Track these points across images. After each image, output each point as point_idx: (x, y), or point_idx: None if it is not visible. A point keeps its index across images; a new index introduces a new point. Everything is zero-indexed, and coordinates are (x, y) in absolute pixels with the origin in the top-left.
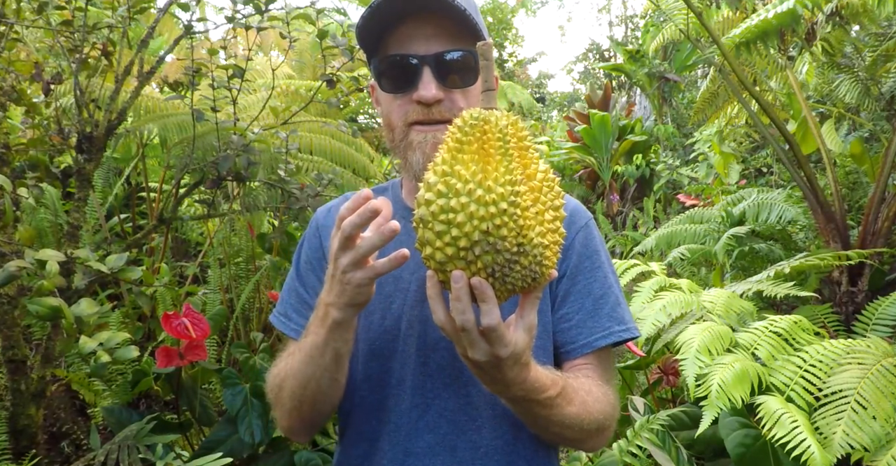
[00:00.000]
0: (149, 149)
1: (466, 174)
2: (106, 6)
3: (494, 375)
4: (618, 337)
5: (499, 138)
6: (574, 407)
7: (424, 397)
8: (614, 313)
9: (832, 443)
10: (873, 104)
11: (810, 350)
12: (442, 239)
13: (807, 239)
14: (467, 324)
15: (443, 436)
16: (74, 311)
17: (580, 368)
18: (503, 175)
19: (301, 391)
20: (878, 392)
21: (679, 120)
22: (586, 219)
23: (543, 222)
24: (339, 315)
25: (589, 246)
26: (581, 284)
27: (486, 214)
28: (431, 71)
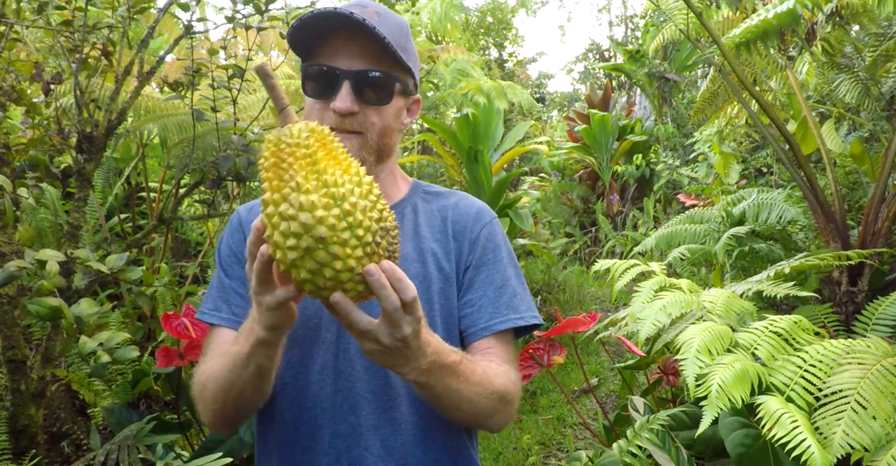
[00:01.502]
0: (149, 149)
1: (339, 178)
2: (106, 6)
3: (413, 345)
4: (513, 324)
5: (332, 140)
6: (478, 377)
7: (346, 381)
8: (511, 303)
9: (832, 443)
10: (873, 104)
11: (810, 350)
12: (350, 245)
13: (807, 239)
14: (397, 304)
15: (365, 417)
16: (74, 311)
17: (483, 352)
18: (357, 168)
19: (223, 395)
20: (878, 392)
21: (679, 120)
22: (491, 217)
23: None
24: (263, 334)
25: (492, 241)
26: (484, 274)
27: (371, 204)
28: (350, 85)
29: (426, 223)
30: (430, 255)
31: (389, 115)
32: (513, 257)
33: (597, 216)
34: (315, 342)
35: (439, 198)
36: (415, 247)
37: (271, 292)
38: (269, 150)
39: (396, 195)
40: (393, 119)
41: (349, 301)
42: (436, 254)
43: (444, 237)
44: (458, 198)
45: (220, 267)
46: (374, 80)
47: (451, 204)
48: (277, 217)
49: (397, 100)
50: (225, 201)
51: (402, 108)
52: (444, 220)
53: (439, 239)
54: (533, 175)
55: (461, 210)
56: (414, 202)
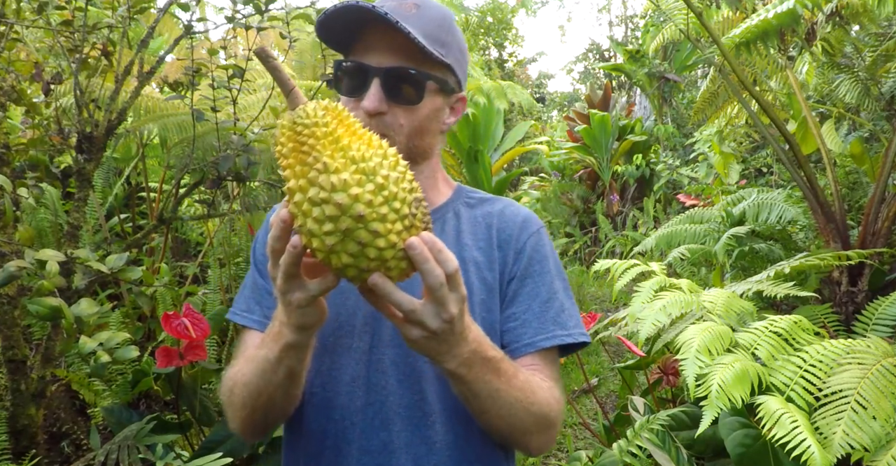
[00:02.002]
0: (149, 149)
1: (365, 152)
2: (106, 6)
3: (458, 327)
4: (560, 341)
5: (347, 116)
6: (519, 382)
7: (379, 394)
8: (559, 318)
9: (832, 443)
10: (873, 104)
11: (810, 350)
12: (389, 220)
13: (807, 239)
14: (442, 279)
15: (397, 433)
16: (74, 311)
17: (526, 368)
18: (380, 141)
19: (252, 401)
20: (878, 392)
21: (679, 120)
22: (538, 226)
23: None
24: (292, 337)
25: (539, 252)
26: (529, 287)
27: (401, 175)
28: (380, 83)
29: (469, 230)
30: (472, 264)
31: (422, 116)
32: (560, 269)
33: (597, 216)
34: (346, 351)
35: (483, 204)
36: (457, 256)
37: (301, 288)
38: (285, 135)
39: (438, 200)
40: (427, 119)
41: (388, 281)
42: (478, 264)
43: (487, 245)
44: (503, 205)
45: (254, 267)
46: (404, 78)
47: (497, 210)
48: (308, 203)
49: (433, 100)
50: (225, 201)
51: (441, 108)
52: (489, 228)
53: (482, 248)
54: (533, 175)
55: (507, 217)
56: (456, 207)
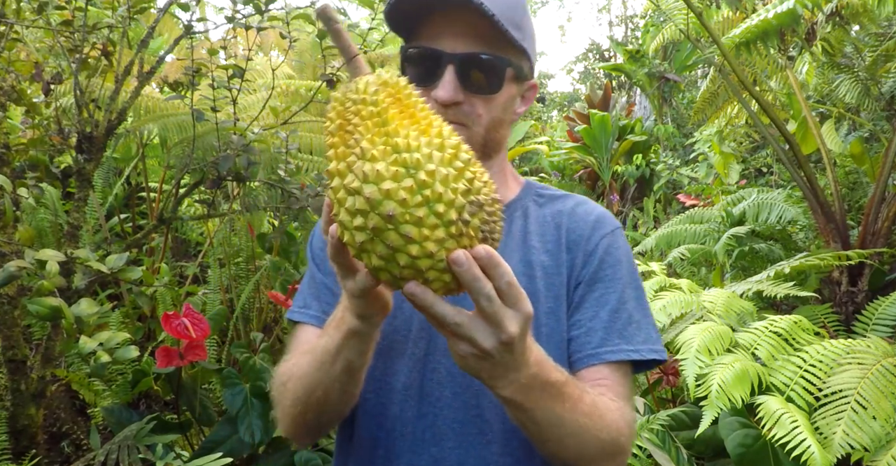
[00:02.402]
0: (149, 149)
1: (413, 141)
2: (106, 6)
3: (518, 349)
4: (625, 356)
5: (408, 95)
6: (586, 406)
7: (432, 406)
8: (626, 331)
9: (832, 443)
10: (873, 104)
11: (810, 350)
12: (427, 224)
13: (807, 239)
14: (493, 296)
15: (449, 450)
16: (74, 311)
17: (593, 383)
18: (440, 128)
19: (306, 397)
20: (878, 392)
21: (679, 120)
22: (613, 226)
23: (476, 164)
24: (354, 323)
25: (612, 255)
26: (598, 292)
27: (455, 173)
28: (455, 70)
29: (537, 231)
30: (540, 269)
31: (499, 105)
32: (636, 277)
33: None
34: (400, 356)
35: (554, 202)
36: (522, 259)
37: (353, 277)
38: (335, 110)
39: (506, 196)
40: (503, 109)
41: (427, 292)
42: (546, 268)
43: (556, 248)
44: (575, 203)
45: (311, 261)
46: (482, 65)
47: (567, 209)
48: (343, 191)
49: (509, 87)
50: (225, 201)
51: (515, 96)
52: (558, 228)
53: (550, 250)
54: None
55: (578, 216)
56: (525, 205)
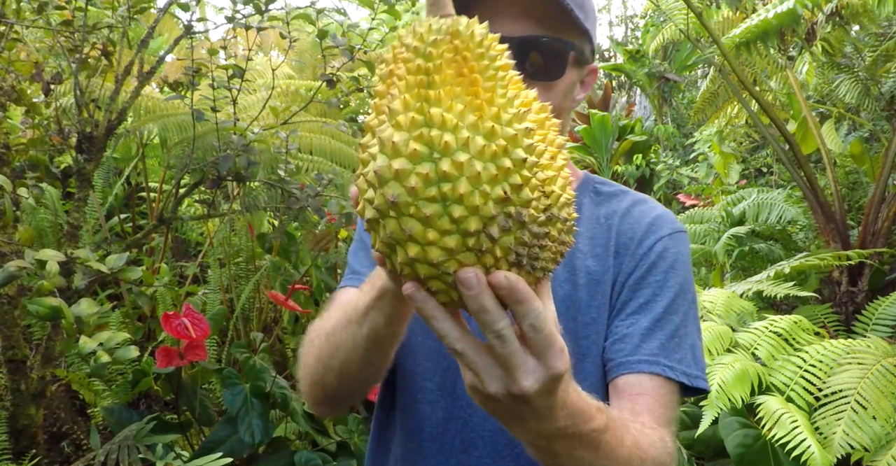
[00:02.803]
0: (149, 149)
1: (452, 117)
2: (106, 6)
3: (539, 405)
4: (659, 370)
5: (481, 55)
6: (625, 450)
7: (463, 411)
8: (667, 344)
9: (832, 443)
10: (873, 104)
11: (810, 350)
12: (435, 226)
13: (807, 239)
14: (506, 335)
15: (477, 458)
16: (74, 311)
17: (631, 399)
18: (505, 108)
19: (328, 357)
20: (878, 392)
21: (679, 120)
22: (672, 229)
23: (560, 168)
24: (386, 282)
25: (665, 259)
26: (643, 298)
27: (499, 172)
28: (512, 55)
29: (587, 233)
30: (584, 275)
31: (560, 92)
32: (689, 288)
33: None
34: (431, 354)
35: (611, 201)
36: (566, 263)
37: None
38: (392, 52)
39: None
40: (563, 97)
41: (429, 300)
42: (591, 274)
43: (604, 252)
44: (631, 202)
45: (359, 228)
46: (542, 49)
47: (622, 209)
48: (367, 153)
49: (570, 73)
50: (225, 201)
51: (576, 82)
52: (609, 230)
53: (599, 255)
54: None
55: (632, 218)
56: (579, 202)
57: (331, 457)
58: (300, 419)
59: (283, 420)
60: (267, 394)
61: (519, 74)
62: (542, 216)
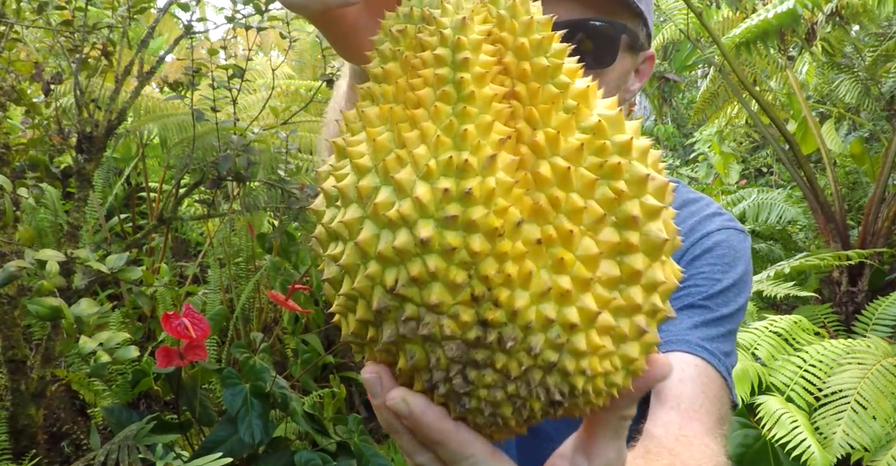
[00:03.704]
0: (149, 149)
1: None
2: (106, 6)
3: None
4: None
5: (444, 59)
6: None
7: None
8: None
9: (832, 443)
10: (873, 104)
11: (810, 350)
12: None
13: (807, 239)
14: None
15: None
16: (74, 311)
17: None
18: (438, 152)
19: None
20: (878, 392)
21: (679, 120)
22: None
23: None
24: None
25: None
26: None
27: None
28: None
29: None
30: None
31: (612, 81)
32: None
33: None
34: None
35: (680, 212)
36: None
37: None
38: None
39: None
40: (616, 86)
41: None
42: None
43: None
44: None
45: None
46: (592, 33)
47: (688, 226)
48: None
49: (623, 60)
50: (225, 201)
51: (629, 70)
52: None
53: None
54: None
55: (683, 214)
56: None
57: (331, 457)
58: (300, 419)
59: (283, 420)
60: (267, 394)
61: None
62: (473, 333)
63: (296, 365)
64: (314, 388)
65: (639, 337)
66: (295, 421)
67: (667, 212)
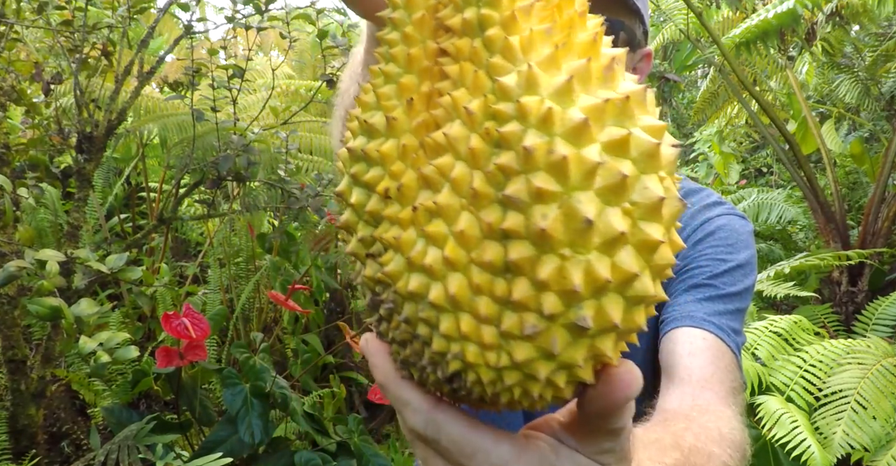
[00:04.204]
0: (149, 149)
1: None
2: (106, 6)
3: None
4: (711, 327)
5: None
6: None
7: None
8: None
9: (832, 443)
10: (873, 104)
11: (810, 350)
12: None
13: (807, 239)
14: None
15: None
16: (74, 311)
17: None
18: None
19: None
20: (878, 392)
21: (679, 120)
22: (728, 210)
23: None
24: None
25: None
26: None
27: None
28: None
29: None
30: None
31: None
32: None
33: None
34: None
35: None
36: None
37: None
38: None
39: None
40: None
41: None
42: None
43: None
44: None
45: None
46: None
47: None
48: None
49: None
50: (225, 201)
51: (628, 68)
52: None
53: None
54: None
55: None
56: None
57: (331, 457)
58: (300, 419)
59: (283, 420)
60: (267, 394)
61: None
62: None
63: (296, 365)
64: (314, 388)
65: (525, 339)
66: (295, 421)
67: (568, 196)
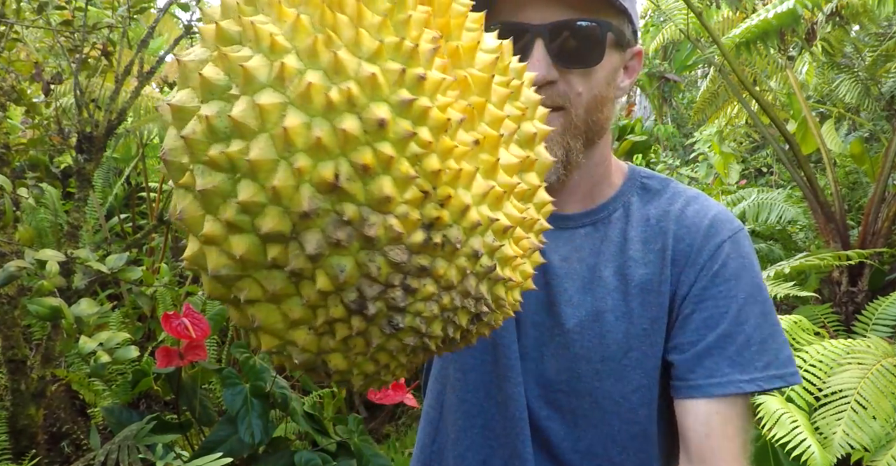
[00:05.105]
0: (149, 149)
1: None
2: (106, 6)
3: None
4: (736, 389)
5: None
6: None
7: (472, 405)
8: (740, 357)
9: (832, 443)
10: (873, 104)
11: (810, 350)
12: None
13: (807, 239)
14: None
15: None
16: (74, 311)
17: (698, 428)
18: (378, 34)
19: None
20: (878, 392)
21: (679, 120)
22: (732, 230)
23: (492, 169)
24: None
25: (728, 267)
26: (707, 312)
27: (333, 140)
28: (545, 45)
29: (638, 237)
30: (637, 285)
31: (601, 80)
32: (759, 290)
33: None
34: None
35: (660, 197)
36: (617, 271)
37: None
38: None
39: (607, 192)
40: (605, 84)
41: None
42: (644, 284)
43: (659, 259)
44: (685, 201)
45: None
46: (577, 33)
47: (676, 210)
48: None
49: (611, 57)
50: None
51: (618, 68)
52: (664, 235)
53: (652, 262)
54: None
55: (687, 220)
56: (627, 201)
57: (331, 457)
58: (300, 419)
59: (283, 420)
60: (267, 394)
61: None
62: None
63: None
64: (314, 388)
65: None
66: (295, 421)
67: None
